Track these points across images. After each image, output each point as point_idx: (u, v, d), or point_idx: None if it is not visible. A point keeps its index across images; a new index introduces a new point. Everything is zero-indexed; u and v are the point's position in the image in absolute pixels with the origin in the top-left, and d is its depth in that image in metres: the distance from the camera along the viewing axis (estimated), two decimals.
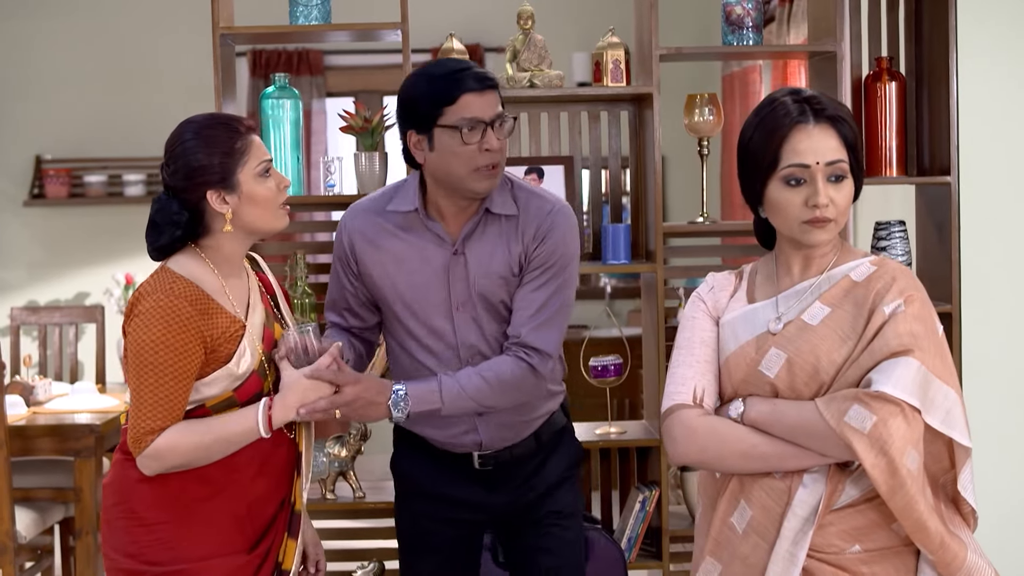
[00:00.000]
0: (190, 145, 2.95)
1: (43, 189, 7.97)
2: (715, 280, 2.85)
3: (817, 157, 2.63)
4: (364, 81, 8.28)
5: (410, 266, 3.23)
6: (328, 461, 4.41)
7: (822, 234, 2.65)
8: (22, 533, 4.97)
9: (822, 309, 2.66)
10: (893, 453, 2.47)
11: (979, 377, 4.39)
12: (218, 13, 4.32)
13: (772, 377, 2.64)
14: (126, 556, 2.98)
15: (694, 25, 7.45)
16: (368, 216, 3.28)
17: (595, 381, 4.50)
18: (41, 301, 8.00)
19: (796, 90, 2.72)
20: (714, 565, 2.71)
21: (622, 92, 4.47)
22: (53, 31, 8.04)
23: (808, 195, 2.62)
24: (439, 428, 3.29)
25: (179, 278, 2.93)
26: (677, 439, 2.70)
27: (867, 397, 2.50)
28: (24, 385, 5.53)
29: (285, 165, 4.37)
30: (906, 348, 2.54)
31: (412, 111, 3.15)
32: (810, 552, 2.57)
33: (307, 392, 2.98)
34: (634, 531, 4.42)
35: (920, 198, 4.58)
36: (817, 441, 2.56)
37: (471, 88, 3.08)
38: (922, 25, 4.48)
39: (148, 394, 2.88)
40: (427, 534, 3.39)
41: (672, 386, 2.74)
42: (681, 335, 2.80)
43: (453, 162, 3.11)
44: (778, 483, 2.63)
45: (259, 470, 3.02)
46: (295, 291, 4.40)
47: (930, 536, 2.53)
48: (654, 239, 4.42)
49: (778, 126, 2.65)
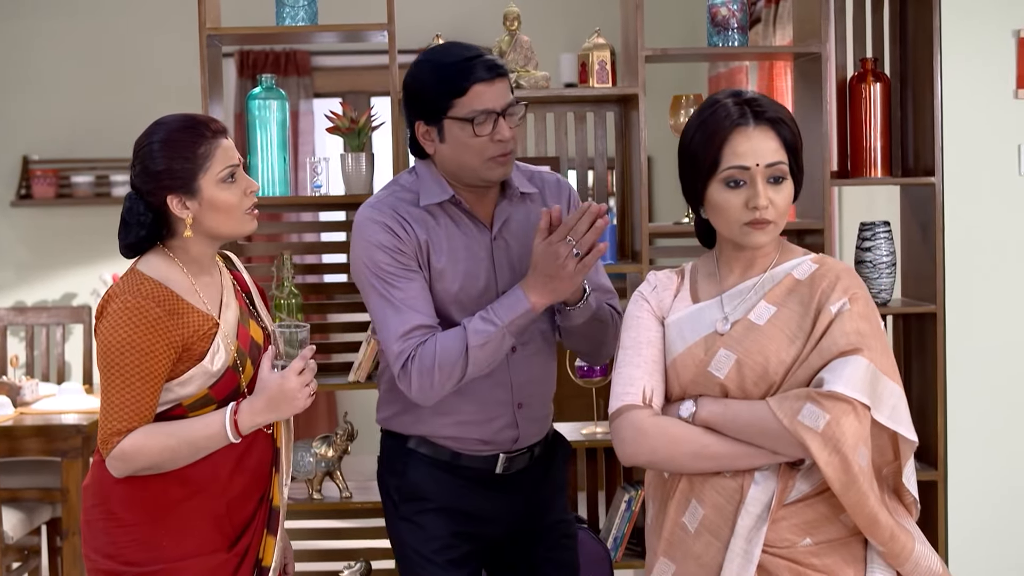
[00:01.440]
0: (155, 148, 2.93)
1: (30, 189, 7.97)
2: (657, 279, 2.85)
3: (757, 159, 2.64)
4: (352, 82, 8.29)
5: (457, 253, 3.14)
6: (315, 461, 4.41)
7: (762, 236, 2.68)
8: (9, 533, 4.98)
9: (767, 308, 2.68)
10: (846, 451, 2.51)
11: (963, 376, 4.40)
12: (205, 14, 4.32)
13: (722, 378, 2.65)
14: (105, 557, 2.97)
15: (680, 26, 7.47)
16: (410, 208, 3.12)
17: (581, 381, 4.51)
18: (28, 302, 8.00)
19: (737, 92, 2.73)
20: (667, 565, 2.72)
21: (608, 93, 4.48)
22: (41, 32, 8.03)
23: (748, 197, 2.64)
24: (482, 424, 3.20)
25: (147, 279, 2.93)
26: (627, 440, 2.69)
27: (819, 396, 2.53)
28: (11, 386, 5.53)
29: (272, 166, 4.38)
30: (854, 347, 2.57)
31: (421, 99, 3.08)
32: (763, 547, 2.60)
33: (274, 398, 2.93)
34: (620, 531, 4.43)
35: (905, 199, 4.60)
36: (770, 440, 2.58)
37: (481, 78, 3.02)
38: (907, 27, 4.50)
39: (116, 395, 2.88)
40: (450, 548, 3.23)
41: (620, 386, 2.73)
42: (626, 335, 2.79)
43: (465, 154, 3.05)
44: (729, 482, 2.65)
45: (236, 467, 3.00)
46: (282, 291, 4.40)
47: (881, 529, 2.57)
48: (640, 239, 4.43)
49: (718, 128, 2.67)
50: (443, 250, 3.12)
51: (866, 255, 4.38)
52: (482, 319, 3.00)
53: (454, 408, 3.16)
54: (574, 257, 2.92)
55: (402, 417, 3.25)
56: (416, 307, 3.05)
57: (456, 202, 3.14)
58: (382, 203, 3.15)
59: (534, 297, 2.97)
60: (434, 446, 3.23)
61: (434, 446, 3.23)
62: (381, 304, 3.07)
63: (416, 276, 3.09)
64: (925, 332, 4.44)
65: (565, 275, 2.93)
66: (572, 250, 2.91)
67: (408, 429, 3.25)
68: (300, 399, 2.95)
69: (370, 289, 3.09)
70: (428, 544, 3.22)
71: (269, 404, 2.94)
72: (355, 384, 4.45)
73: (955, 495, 4.41)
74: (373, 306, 3.10)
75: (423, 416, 3.19)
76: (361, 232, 3.12)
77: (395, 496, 3.28)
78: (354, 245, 3.14)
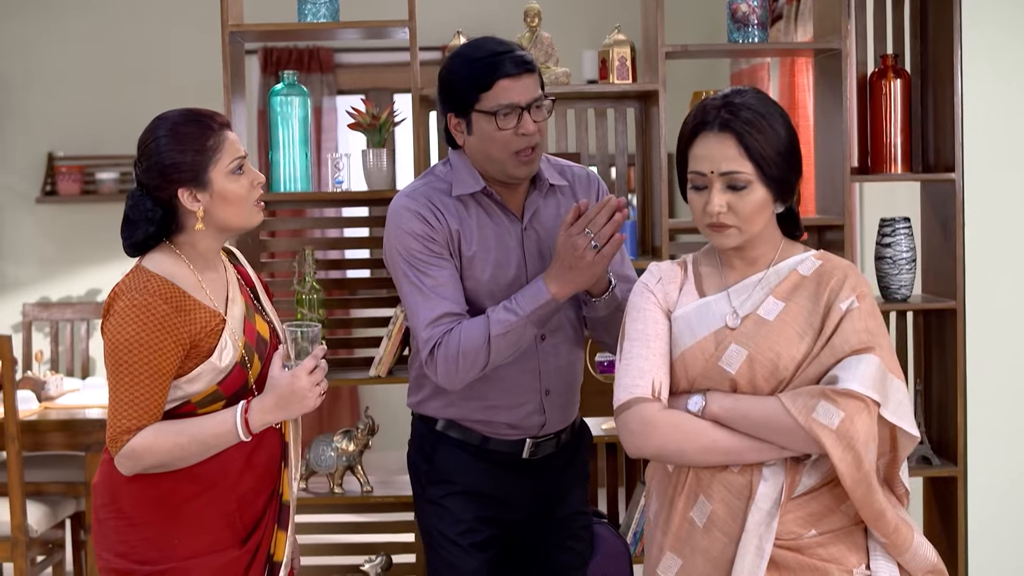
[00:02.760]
0: (163, 142, 2.91)
1: (55, 186, 8.02)
2: (661, 271, 2.86)
3: (712, 166, 2.67)
4: (374, 78, 8.32)
5: (488, 243, 3.19)
6: (336, 455, 4.44)
7: (723, 239, 2.71)
8: (33, 527, 5.01)
9: (776, 304, 2.70)
10: (859, 447, 2.55)
11: (983, 372, 4.41)
12: (227, 11, 4.34)
13: (733, 373, 2.67)
14: (117, 556, 2.96)
15: (703, 23, 7.48)
16: (443, 198, 3.19)
17: (601, 377, 4.52)
18: (53, 297, 8.05)
19: (733, 91, 2.74)
20: (674, 560, 2.73)
21: (628, 89, 4.50)
22: (66, 29, 8.09)
23: (707, 200, 2.68)
24: (510, 409, 3.26)
25: (154, 276, 2.90)
26: (636, 432, 2.71)
27: (834, 394, 2.56)
28: (36, 381, 5.56)
29: (294, 162, 4.40)
30: (866, 345, 2.61)
31: (451, 93, 3.16)
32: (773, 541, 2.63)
33: (285, 397, 2.93)
34: (640, 525, 4.44)
35: (925, 195, 4.60)
36: (782, 436, 2.60)
37: (508, 73, 3.07)
38: (927, 23, 4.50)
39: (124, 393, 2.86)
40: (473, 532, 3.30)
41: (628, 378, 2.75)
42: (632, 326, 2.80)
43: (491, 147, 3.11)
44: (738, 477, 2.67)
45: (246, 463, 3.00)
46: (303, 286, 4.43)
47: (887, 522, 2.62)
48: (660, 235, 4.44)
49: (687, 129, 2.72)
50: (474, 240, 3.18)
51: (886, 251, 4.38)
52: (505, 309, 3.05)
53: (483, 393, 3.23)
54: (592, 248, 2.96)
55: (432, 401, 3.32)
56: (445, 295, 3.11)
57: (488, 193, 3.19)
58: (416, 192, 3.22)
59: (554, 287, 3.02)
60: (464, 430, 3.30)
61: (464, 430, 3.30)
62: (412, 291, 3.13)
63: (447, 264, 3.14)
64: (945, 328, 4.44)
65: (583, 266, 2.98)
66: (591, 241, 2.96)
67: (438, 413, 3.32)
68: (310, 398, 2.95)
69: (401, 276, 3.16)
70: (453, 527, 3.29)
71: (279, 403, 2.93)
72: (376, 379, 4.47)
73: (975, 490, 4.41)
74: (404, 293, 3.17)
75: (453, 400, 3.27)
76: (395, 220, 3.19)
77: (423, 479, 3.35)
78: (388, 232, 3.20)
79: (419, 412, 3.38)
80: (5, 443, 4.82)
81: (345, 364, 4.75)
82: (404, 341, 4.39)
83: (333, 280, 4.87)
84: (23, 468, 4.88)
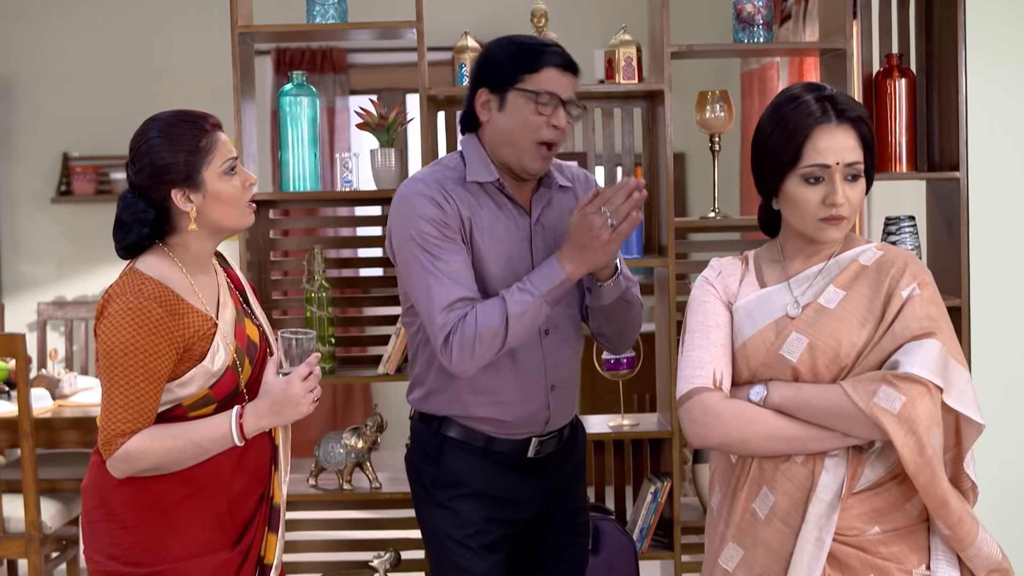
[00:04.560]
0: (155, 143, 2.91)
1: (70, 186, 8.07)
2: (721, 265, 2.89)
3: (837, 157, 2.69)
4: (387, 79, 8.35)
5: (498, 235, 3.21)
6: (345, 452, 4.48)
7: (835, 232, 2.73)
8: (47, 523, 5.05)
9: (837, 293, 2.72)
10: (921, 432, 2.55)
11: (987, 370, 4.42)
12: (236, 12, 4.39)
13: (794, 361, 2.69)
14: (109, 558, 2.96)
15: (717, 22, 7.50)
16: (456, 186, 3.19)
17: (608, 374, 4.56)
18: (68, 296, 8.10)
19: (817, 86, 2.78)
20: (736, 551, 2.75)
21: (634, 89, 4.53)
22: (81, 30, 8.14)
23: (826, 193, 2.69)
24: (517, 405, 3.27)
25: (148, 279, 2.90)
26: (698, 422, 2.72)
27: (895, 378, 2.57)
28: (50, 379, 5.60)
29: (303, 161, 4.45)
30: (927, 331, 2.62)
31: (492, 69, 3.18)
32: (833, 536, 2.64)
33: (279, 403, 2.95)
34: (646, 522, 4.47)
35: (930, 193, 4.62)
36: (844, 423, 2.62)
37: (556, 64, 3.13)
38: (932, 22, 4.52)
39: (119, 396, 2.85)
40: (484, 534, 3.29)
41: (689, 369, 2.77)
42: (693, 319, 2.83)
43: (518, 129, 3.14)
44: (800, 468, 2.68)
45: (236, 466, 3.00)
46: (312, 285, 4.47)
47: (951, 511, 2.61)
48: (666, 234, 4.47)
49: (801, 124, 2.71)
50: (485, 229, 3.19)
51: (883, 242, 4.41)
52: (520, 290, 3.06)
53: (490, 388, 3.24)
54: (608, 227, 2.99)
55: (436, 397, 3.30)
56: (459, 279, 3.11)
57: (499, 186, 3.21)
58: (428, 177, 3.22)
59: (569, 267, 3.05)
60: (468, 431, 3.29)
61: (468, 431, 3.29)
62: (424, 276, 3.11)
63: (460, 249, 3.14)
64: None
65: (598, 244, 3.01)
66: (607, 220, 2.98)
67: (442, 409, 3.30)
68: (303, 404, 2.96)
69: (413, 262, 3.14)
70: (462, 529, 3.28)
71: (273, 408, 2.94)
72: (384, 376, 4.51)
73: (982, 490, 4.38)
74: (415, 279, 3.14)
75: (460, 395, 3.26)
76: (406, 205, 3.17)
77: (427, 483, 3.33)
78: (397, 218, 3.19)
79: (421, 410, 3.36)
80: (19, 440, 4.86)
81: (355, 362, 4.80)
82: None
83: (344, 279, 4.91)
84: (37, 465, 4.92)
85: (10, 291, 8.16)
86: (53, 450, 5.48)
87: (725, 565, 2.76)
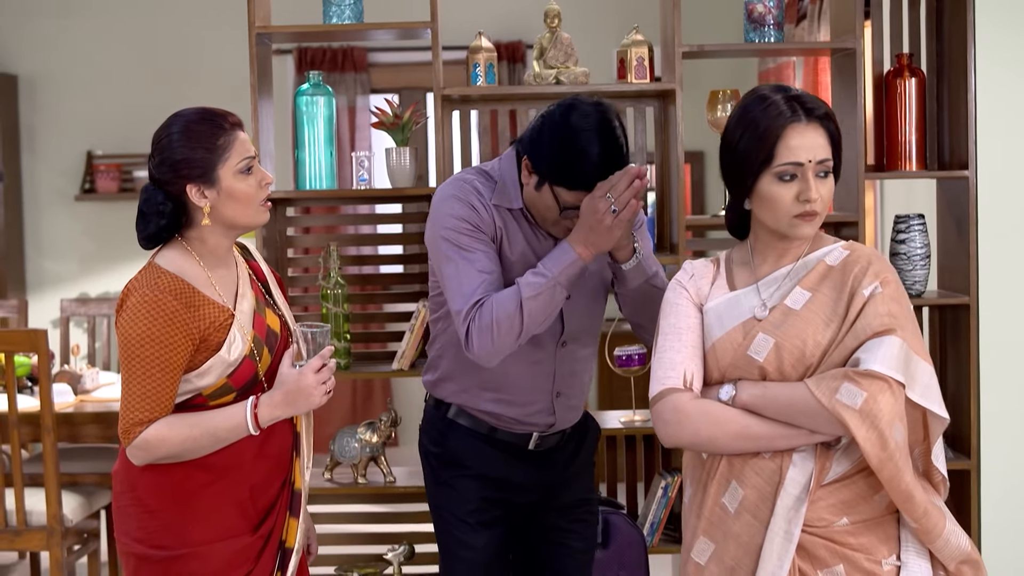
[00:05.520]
0: (175, 139, 3.01)
1: (94, 184, 8.16)
2: (694, 268, 2.95)
3: (809, 155, 2.75)
4: (408, 78, 8.41)
5: (526, 255, 3.28)
6: (360, 446, 4.53)
7: (809, 228, 2.79)
8: (69, 517, 5.10)
9: (803, 294, 2.78)
10: (883, 427, 2.60)
11: (996, 366, 4.44)
12: (254, 12, 4.45)
13: (761, 361, 2.75)
14: (135, 541, 3.07)
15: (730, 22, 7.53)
16: (483, 199, 3.26)
17: (620, 370, 4.60)
18: (92, 293, 8.19)
19: (783, 87, 2.83)
20: (707, 544, 2.80)
21: (647, 88, 4.57)
22: (103, 29, 8.22)
23: (800, 190, 2.75)
24: (520, 406, 3.38)
25: (165, 273, 3.00)
26: (670, 422, 2.79)
27: (856, 375, 2.63)
28: (72, 374, 5.66)
29: (319, 160, 4.51)
30: (888, 328, 2.67)
31: (538, 157, 3.18)
32: (802, 527, 2.69)
33: (292, 393, 3.03)
34: (656, 516, 4.51)
35: (940, 192, 4.66)
36: (809, 420, 2.67)
37: (589, 188, 3.13)
38: (942, 23, 4.55)
39: (136, 386, 2.96)
40: (481, 511, 3.44)
41: (661, 370, 2.83)
42: (666, 321, 2.89)
43: (541, 212, 3.22)
44: (768, 463, 2.74)
45: (258, 453, 3.10)
46: (328, 281, 4.53)
47: (916, 505, 2.66)
48: (677, 232, 4.52)
49: (773, 124, 2.76)
50: (516, 243, 3.27)
51: (900, 247, 4.44)
52: (533, 274, 3.12)
53: (497, 386, 3.36)
54: (612, 213, 3.05)
55: (447, 384, 3.45)
56: (485, 270, 3.17)
57: (525, 213, 3.28)
58: (467, 184, 3.29)
59: (579, 248, 3.10)
60: (473, 418, 3.43)
61: (473, 418, 3.43)
62: (453, 270, 3.19)
63: (490, 250, 3.22)
64: (959, 323, 4.49)
65: (603, 229, 3.07)
66: (610, 206, 3.05)
67: (450, 397, 3.45)
68: (316, 396, 3.05)
69: (443, 259, 3.22)
70: (462, 506, 3.44)
71: (287, 399, 3.03)
72: (399, 372, 4.57)
73: (988, 484, 4.45)
74: (446, 275, 3.21)
75: (467, 387, 3.40)
76: (443, 206, 3.26)
77: (434, 462, 3.50)
78: (433, 217, 3.27)
79: (432, 393, 3.51)
80: (41, 435, 4.91)
81: (371, 358, 4.86)
82: (427, 335, 4.47)
83: (363, 275, 4.97)
84: (59, 459, 4.98)
85: (34, 288, 8.25)
86: (75, 444, 5.55)
87: (697, 559, 2.82)
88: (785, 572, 2.68)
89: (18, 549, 5.08)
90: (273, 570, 3.15)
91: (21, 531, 4.97)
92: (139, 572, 3.09)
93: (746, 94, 2.88)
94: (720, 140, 2.89)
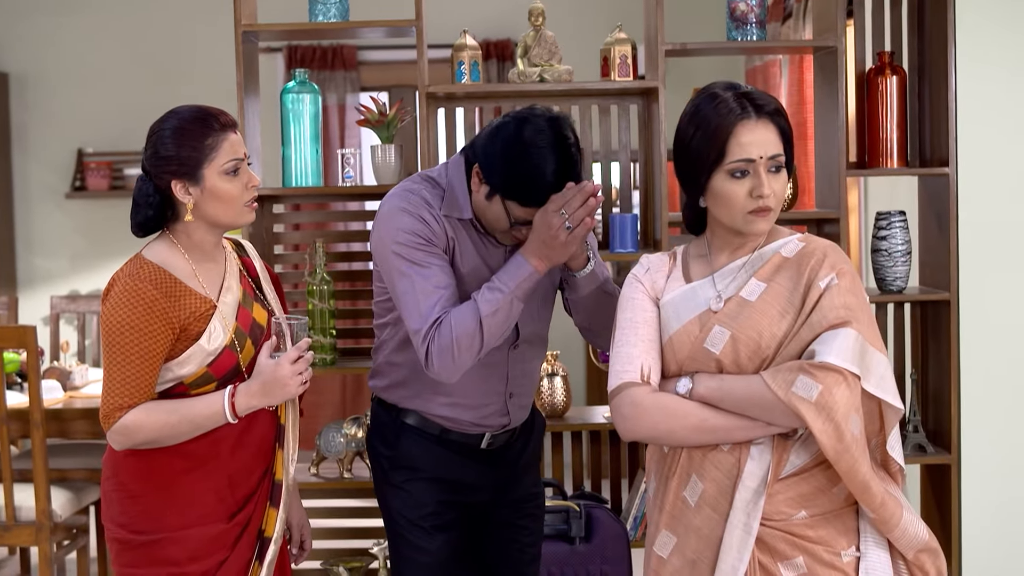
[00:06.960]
0: (166, 134, 3.07)
1: (84, 181, 8.19)
2: (650, 262, 2.96)
3: (761, 151, 2.76)
4: (397, 76, 8.44)
5: (477, 265, 3.26)
6: (345, 441, 4.57)
7: (764, 223, 2.80)
8: (58, 512, 5.12)
9: (758, 285, 2.79)
10: (839, 419, 2.61)
11: (976, 362, 4.48)
12: (240, 11, 4.48)
13: (717, 353, 2.76)
14: (118, 526, 3.15)
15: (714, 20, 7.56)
16: (433, 211, 3.21)
17: (603, 366, 4.61)
18: (82, 290, 8.21)
19: (733, 84, 2.85)
20: (669, 538, 2.82)
21: (630, 86, 4.60)
22: (95, 27, 8.25)
23: (752, 186, 2.76)
24: (475, 408, 3.37)
25: (148, 263, 3.08)
26: (627, 416, 2.80)
27: (811, 367, 2.64)
28: (61, 370, 5.68)
29: (304, 157, 4.55)
30: (843, 320, 2.68)
31: (489, 169, 3.14)
32: (761, 520, 2.71)
33: (268, 383, 3.09)
34: (639, 510, 4.54)
35: (921, 189, 4.69)
36: (766, 412, 2.69)
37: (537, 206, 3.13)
38: (923, 21, 4.59)
39: (117, 373, 3.03)
40: (436, 515, 3.41)
41: (618, 365, 2.84)
42: (622, 315, 2.90)
43: (492, 222, 3.19)
44: (727, 456, 2.76)
45: (237, 443, 3.15)
46: (314, 278, 4.56)
47: (873, 495, 2.68)
48: (660, 229, 4.55)
49: (724, 122, 2.77)
50: (467, 253, 3.25)
51: (881, 244, 4.48)
52: (489, 289, 3.11)
53: (450, 390, 3.31)
54: (566, 229, 3.05)
55: (398, 390, 3.41)
56: (440, 285, 3.13)
57: (475, 224, 3.25)
58: (415, 195, 3.22)
59: (534, 260, 3.10)
60: (425, 420, 3.40)
61: (425, 420, 3.40)
62: (408, 286, 3.13)
63: (443, 263, 3.17)
64: (940, 319, 4.53)
65: (557, 244, 3.06)
66: (564, 222, 3.04)
67: (402, 403, 3.41)
68: (292, 386, 3.10)
69: (396, 274, 3.15)
70: (417, 511, 3.39)
71: (263, 388, 3.09)
72: None
73: (969, 479, 4.49)
74: (400, 290, 3.16)
75: (421, 392, 3.36)
76: (391, 220, 3.19)
77: (385, 464, 3.44)
78: (380, 231, 3.21)
79: (381, 397, 3.46)
80: (30, 431, 4.94)
81: (354, 353, 4.89)
82: None
83: (345, 272, 5.00)
84: (48, 455, 5.01)
85: (25, 285, 8.28)
86: (64, 440, 5.58)
87: (659, 552, 2.83)
88: (745, 565, 2.70)
89: (7, 544, 5.12)
90: (251, 558, 3.20)
91: (10, 526, 5.00)
92: (121, 556, 3.16)
93: (698, 92, 2.89)
94: (673, 139, 2.89)
